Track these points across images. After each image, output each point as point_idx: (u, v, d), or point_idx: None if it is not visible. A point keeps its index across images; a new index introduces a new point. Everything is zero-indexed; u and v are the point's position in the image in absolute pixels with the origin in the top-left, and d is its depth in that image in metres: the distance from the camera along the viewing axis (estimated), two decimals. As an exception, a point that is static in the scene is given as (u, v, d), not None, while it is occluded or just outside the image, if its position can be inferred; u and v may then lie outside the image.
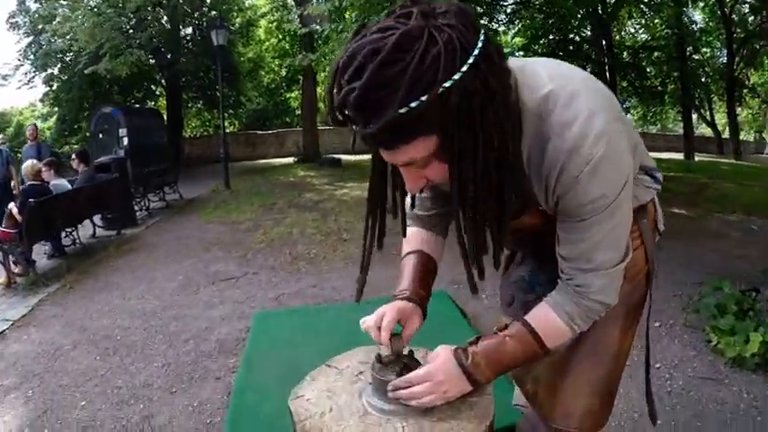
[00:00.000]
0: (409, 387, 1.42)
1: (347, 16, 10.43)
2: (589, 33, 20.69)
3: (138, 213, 9.91)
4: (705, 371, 3.54)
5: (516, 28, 20.70)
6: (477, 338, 1.43)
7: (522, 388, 1.80)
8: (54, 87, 20.32)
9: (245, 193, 12.24)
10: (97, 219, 8.66)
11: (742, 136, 30.04)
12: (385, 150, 1.07)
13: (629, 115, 28.80)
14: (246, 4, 24.35)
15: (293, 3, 19.90)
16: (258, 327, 4.08)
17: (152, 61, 20.08)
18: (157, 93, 23.30)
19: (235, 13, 23.00)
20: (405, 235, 1.57)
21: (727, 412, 3.07)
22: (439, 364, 1.43)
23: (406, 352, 1.83)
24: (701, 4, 20.91)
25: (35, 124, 10.10)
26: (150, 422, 3.22)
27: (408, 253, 1.63)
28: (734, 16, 20.05)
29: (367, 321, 1.52)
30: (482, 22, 14.32)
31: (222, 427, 2.95)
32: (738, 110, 26.06)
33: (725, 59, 22.96)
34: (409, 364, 1.77)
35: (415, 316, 1.56)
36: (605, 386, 1.64)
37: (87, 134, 17.17)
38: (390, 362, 1.80)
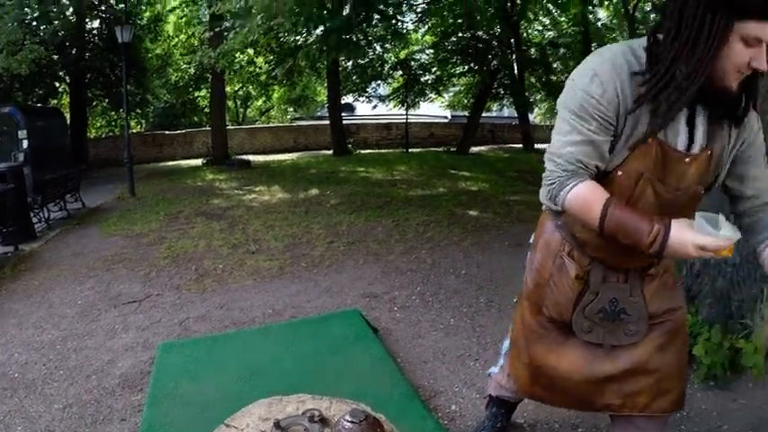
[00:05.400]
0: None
1: (251, 23, 10.21)
2: (498, 31, 21.15)
3: (36, 226, 9.39)
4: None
5: (426, 26, 21.01)
6: None
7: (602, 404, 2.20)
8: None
9: (150, 199, 11.92)
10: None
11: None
12: None
13: (536, 109, 29.79)
14: (156, -2, 23.51)
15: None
16: (162, 360, 4.03)
17: (55, 57, 19.03)
18: (60, 89, 22.21)
19: (144, 7, 22.25)
20: None
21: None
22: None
23: (313, 413, 1.87)
24: (606, 3, 21.68)
25: None
26: (53, 476, 3.11)
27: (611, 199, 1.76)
28: (636, 14, 20.82)
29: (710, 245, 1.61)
30: (392, 22, 14.66)
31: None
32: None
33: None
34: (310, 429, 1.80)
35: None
36: None
37: (-15, 136, 16.23)
38: (290, 427, 1.82)
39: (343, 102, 24.15)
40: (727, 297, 3.91)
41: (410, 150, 22.42)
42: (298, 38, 13.68)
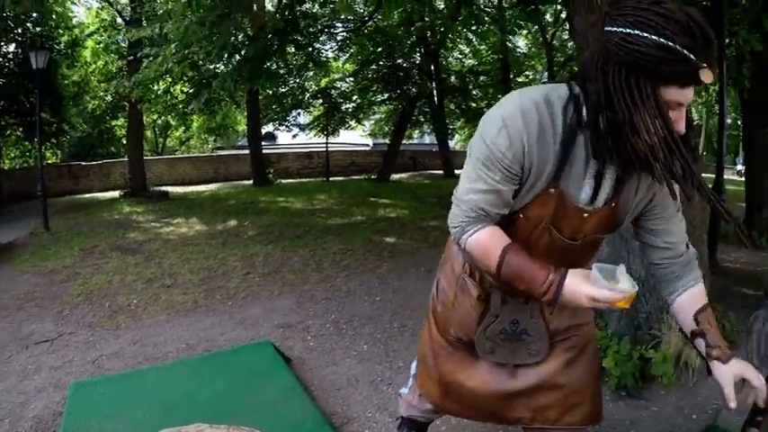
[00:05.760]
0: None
1: (166, 50, 10.17)
2: (418, 59, 21.60)
3: (-55, 265, 9.12)
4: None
5: (347, 55, 21.31)
6: None
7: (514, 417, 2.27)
8: None
9: (65, 234, 11.64)
10: None
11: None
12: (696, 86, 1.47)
13: (456, 135, 30.40)
14: (74, 22, 22.81)
15: (122, 22, 19.26)
16: (74, 400, 4.06)
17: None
18: (-29, 118, 21.32)
19: (61, 31, 21.47)
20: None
21: None
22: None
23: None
24: (525, 32, 22.46)
25: None
26: None
27: (510, 246, 1.80)
28: (554, 42, 21.61)
29: (603, 298, 1.66)
30: (310, 50, 14.83)
31: None
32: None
33: (546, 81, 24.67)
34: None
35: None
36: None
37: None
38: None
39: (263, 131, 24.17)
40: (634, 309, 4.19)
41: (331, 179, 22.56)
42: (217, 66, 13.70)
